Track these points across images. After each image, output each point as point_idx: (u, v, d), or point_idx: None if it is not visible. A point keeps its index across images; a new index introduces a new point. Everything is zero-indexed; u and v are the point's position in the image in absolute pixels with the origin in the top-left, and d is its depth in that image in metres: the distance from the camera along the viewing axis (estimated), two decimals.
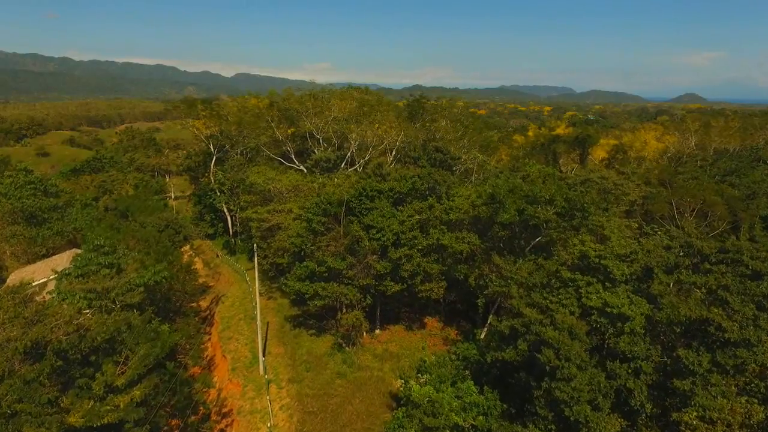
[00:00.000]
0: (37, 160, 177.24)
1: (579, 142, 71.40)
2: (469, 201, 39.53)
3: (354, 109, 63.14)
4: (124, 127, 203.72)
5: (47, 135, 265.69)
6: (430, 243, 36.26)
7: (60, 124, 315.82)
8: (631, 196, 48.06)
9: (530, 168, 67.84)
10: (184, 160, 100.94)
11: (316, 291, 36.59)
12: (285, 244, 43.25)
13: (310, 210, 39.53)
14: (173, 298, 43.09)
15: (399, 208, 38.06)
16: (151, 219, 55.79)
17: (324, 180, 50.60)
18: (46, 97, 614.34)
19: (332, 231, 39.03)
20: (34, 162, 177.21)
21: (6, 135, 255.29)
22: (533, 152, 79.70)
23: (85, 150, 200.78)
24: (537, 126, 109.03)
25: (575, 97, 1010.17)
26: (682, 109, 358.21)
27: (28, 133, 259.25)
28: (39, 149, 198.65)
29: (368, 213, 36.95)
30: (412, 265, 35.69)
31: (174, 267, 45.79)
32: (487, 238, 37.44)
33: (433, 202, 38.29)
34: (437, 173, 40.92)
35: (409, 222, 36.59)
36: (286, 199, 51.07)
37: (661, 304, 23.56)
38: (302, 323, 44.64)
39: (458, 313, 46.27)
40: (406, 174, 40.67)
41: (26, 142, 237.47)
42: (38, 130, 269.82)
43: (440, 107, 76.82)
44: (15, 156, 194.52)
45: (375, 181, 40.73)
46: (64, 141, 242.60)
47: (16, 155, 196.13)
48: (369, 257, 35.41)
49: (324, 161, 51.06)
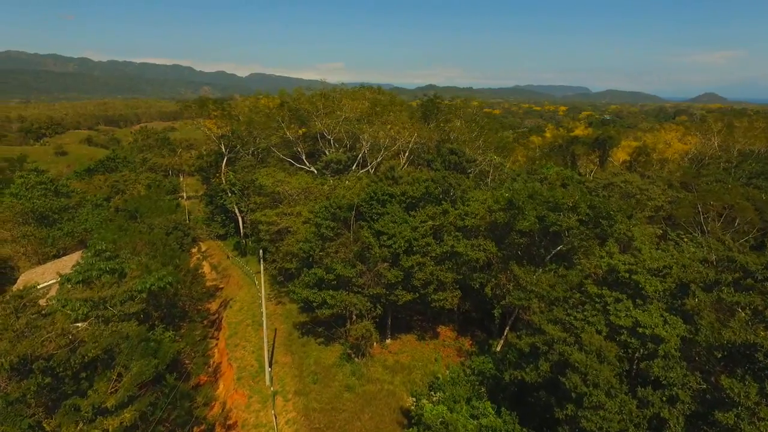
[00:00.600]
0: (56, 159, 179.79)
1: (599, 143, 68.72)
2: (486, 206, 37.61)
3: (366, 110, 61.54)
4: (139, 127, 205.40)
5: (66, 134, 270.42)
6: (444, 250, 34.44)
7: (78, 124, 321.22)
8: (656, 201, 45.53)
9: (548, 170, 65.62)
10: (195, 161, 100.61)
11: (324, 299, 35.05)
12: (293, 248, 41.86)
13: (319, 214, 38.03)
14: (179, 303, 42.00)
15: (411, 213, 36.32)
16: (160, 221, 54.91)
17: (334, 182, 49.09)
18: (65, 97, 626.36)
19: (342, 236, 37.47)
20: (52, 161, 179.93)
21: (26, 134, 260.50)
22: (551, 154, 77.09)
23: (102, 149, 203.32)
24: (554, 127, 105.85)
25: (591, 97, 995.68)
26: (702, 109, 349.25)
27: (48, 132, 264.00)
28: (57, 148, 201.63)
29: (379, 218, 35.31)
30: (425, 273, 33.93)
31: (180, 271, 44.72)
32: (505, 245, 35.48)
33: (448, 207, 36.46)
34: (452, 176, 39.04)
35: (422, 228, 34.83)
36: (296, 201, 49.74)
37: (699, 325, 21.42)
38: (311, 331, 43.20)
39: (473, 322, 44.36)
40: (419, 177, 38.89)
41: (45, 141, 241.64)
42: (57, 130, 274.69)
43: (455, 107, 74.82)
44: (34, 155, 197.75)
45: (386, 184, 39.06)
46: (82, 140, 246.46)
47: (35, 154, 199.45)
48: (380, 265, 33.74)
49: (335, 163, 49.56)
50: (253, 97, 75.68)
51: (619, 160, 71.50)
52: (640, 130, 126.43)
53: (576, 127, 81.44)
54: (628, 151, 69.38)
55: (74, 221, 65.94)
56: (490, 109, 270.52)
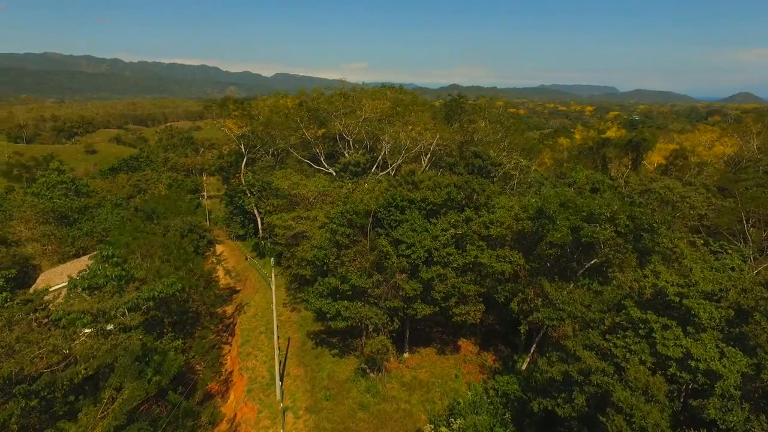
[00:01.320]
0: (86, 157, 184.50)
1: (633, 146, 64.72)
2: (512, 213, 34.98)
3: (387, 110, 59.42)
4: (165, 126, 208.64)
5: (96, 133, 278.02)
6: (466, 261, 32.02)
7: (108, 123, 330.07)
8: (699, 209, 41.88)
9: (577, 174, 62.16)
10: (216, 160, 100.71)
11: (338, 311, 33.10)
12: (307, 255, 40.08)
13: (335, 220, 36.12)
14: (191, 308, 40.78)
15: (432, 220, 34.01)
16: (176, 222, 54.10)
17: (352, 185, 47.16)
18: (97, 97, 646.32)
19: (358, 244, 35.45)
20: (82, 159, 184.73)
21: (58, 133, 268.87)
22: (580, 156, 73.30)
23: (130, 148, 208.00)
24: (584, 128, 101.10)
25: (618, 97, 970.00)
26: (736, 109, 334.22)
27: (79, 131, 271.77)
28: (87, 147, 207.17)
29: (397, 226, 33.15)
30: (446, 285, 31.59)
31: (194, 275, 43.60)
32: (533, 256, 32.80)
33: (471, 214, 34.00)
34: (475, 181, 36.55)
35: (443, 237, 32.48)
36: (312, 205, 48.05)
37: (763, 360, 18.52)
38: (325, 341, 41.39)
39: (496, 335, 41.73)
40: (440, 182, 36.53)
41: (76, 140, 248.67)
42: (88, 129, 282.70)
43: (479, 107, 71.92)
44: (65, 153, 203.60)
45: (406, 189, 36.83)
46: (111, 139, 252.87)
47: (65, 152, 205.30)
48: (397, 276, 31.57)
49: (353, 165, 47.66)
50: (273, 96, 74.40)
51: (654, 164, 67.32)
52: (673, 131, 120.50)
53: (607, 128, 77.25)
54: (664, 155, 65.19)
55: (94, 221, 66.20)
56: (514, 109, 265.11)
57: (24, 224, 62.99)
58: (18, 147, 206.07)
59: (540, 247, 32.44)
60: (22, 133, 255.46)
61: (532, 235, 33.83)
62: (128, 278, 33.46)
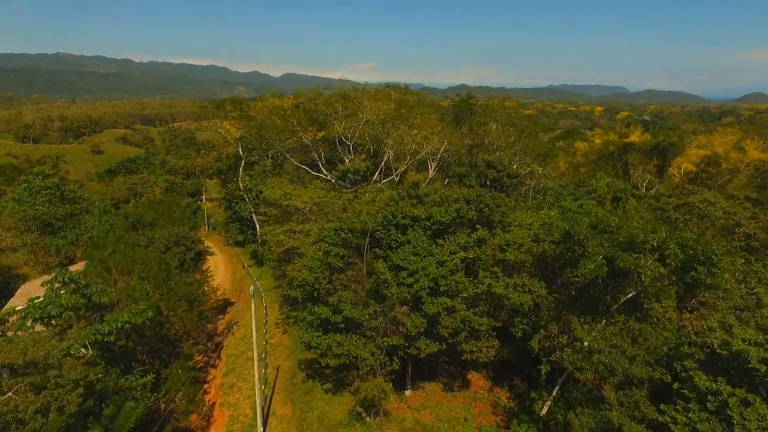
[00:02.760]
0: (92, 157, 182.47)
1: (659, 151, 59.40)
2: (531, 232, 30.17)
3: (391, 111, 54.78)
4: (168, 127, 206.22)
5: (103, 133, 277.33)
6: (478, 291, 27.29)
7: (115, 123, 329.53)
8: (746, 228, 36.61)
9: (598, 182, 57.08)
10: (214, 163, 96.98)
11: (329, 346, 28.56)
12: (297, 276, 35.62)
13: (327, 238, 31.56)
14: (169, 334, 36.43)
15: (438, 241, 29.34)
16: (161, 233, 49.94)
17: (350, 195, 42.63)
18: (108, 97, 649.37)
19: (353, 267, 30.91)
20: (88, 159, 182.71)
21: (66, 133, 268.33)
22: (599, 162, 68.03)
23: (136, 148, 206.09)
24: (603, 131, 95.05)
25: (628, 97, 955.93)
26: (749, 110, 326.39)
27: (86, 131, 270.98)
28: (94, 147, 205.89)
29: (398, 248, 28.53)
30: (455, 320, 26.89)
31: (174, 296, 39.32)
32: (557, 286, 27.97)
33: (484, 234, 29.25)
34: (489, 196, 31.78)
35: (451, 262, 27.78)
36: (307, 217, 43.59)
37: None
38: (318, 372, 36.73)
39: (511, 367, 36.81)
40: (448, 196, 31.82)
41: (83, 140, 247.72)
42: (95, 129, 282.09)
43: (490, 108, 67.04)
44: (71, 153, 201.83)
45: (408, 204, 32.18)
46: (117, 139, 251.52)
47: (72, 152, 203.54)
48: (397, 309, 26.94)
49: (352, 173, 43.20)
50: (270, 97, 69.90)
51: (682, 171, 61.91)
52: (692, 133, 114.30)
53: (630, 132, 72.08)
54: (695, 161, 59.75)
55: (80, 228, 62.44)
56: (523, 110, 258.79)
57: (5, 232, 59.39)
58: (25, 147, 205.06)
59: (565, 274, 27.59)
60: (29, 133, 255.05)
61: (554, 258, 29.04)
62: (92, 306, 29.20)
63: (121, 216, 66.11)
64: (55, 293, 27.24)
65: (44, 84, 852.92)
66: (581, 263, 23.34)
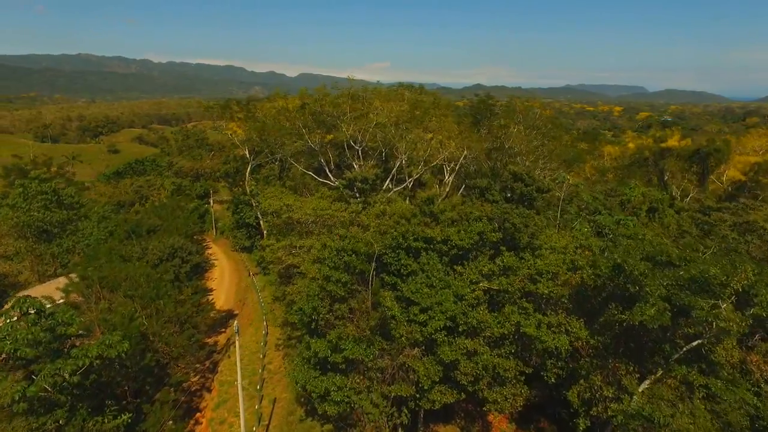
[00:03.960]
0: (108, 157, 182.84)
1: (700, 157, 53.75)
2: (567, 258, 25.49)
3: (404, 113, 50.32)
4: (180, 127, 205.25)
5: (120, 132, 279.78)
6: (505, 332, 22.77)
7: (132, 122, 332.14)
8: None
9: (632, 191, 51.87)
10: (222, 166, 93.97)
11: (327, 390, 24.38)
12: (296, 300, 31.57)
13: (328, 260, 27.37)
14: (152, 363, 32.63)
15: (457, 268, 24.89)
16: (155, 244, 46.41)
17: (358, 206, 38.42)
18: (127, 97, 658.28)
19: (356, 295, 26.66)
20: (105, 158, 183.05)
21: (84, 132, 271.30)
22: (631, 168, 62.46)
23: (152, 147, 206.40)
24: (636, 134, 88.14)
25: (648, 97, 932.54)
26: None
27: (104, 131, 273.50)
28: (110, 146, 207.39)
29: (409, 276, 24.20)
30: (476, 365, 22.43)
31: (161, 317, 35.62)
32: (601, 326, 23.27)
33: (511, 261, 24.68)
34: (515, 213, 27.18)
35: (472, 294, 23.32)
36: (310, 229, 39.49)
37: None
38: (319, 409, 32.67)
39: (537, 407, 32.21)
40: (468, 212, 27.33)
41: (100, 139, 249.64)
42: (112, 128, 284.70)
43: (511, 109, 62.11)
44: (88, 152, 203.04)
45: (421, 221, 27.79)
46: (133, 138, 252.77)
47: (89, 152, 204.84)
48: (407, 353, 22.59)
49: (360, 181, 39.03)
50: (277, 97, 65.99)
51: (725, 179, 56.01)
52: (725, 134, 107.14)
53: (668, 136, 66.27)
54: (743, 168, 53.74)
55: (77, 235, 59.61)
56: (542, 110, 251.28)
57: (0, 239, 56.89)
58: (43, 146, 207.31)
59: (609, 312, 22.86)
60: (48, 133, 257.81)
61: (596, 289, 24.35)
62: (56, 338, 25.51)
63: (121, 222, 63.14)
64: (10, 326, 23.57)
65: (66, 84, 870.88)
66: (637, 307, 18.67)
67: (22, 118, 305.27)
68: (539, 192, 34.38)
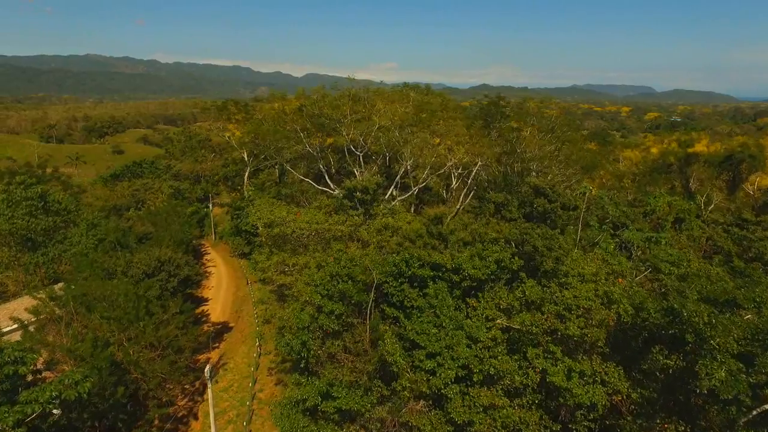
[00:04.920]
0: (113, 158, 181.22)
1: (732, 164, 49.50)
2: (600, 288, 21.61)
3: (410, 116, 46.56)
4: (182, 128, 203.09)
5: (125, 133, 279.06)
6: (528, 383, 18.99)
7: (138, 123, 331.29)
8: None
9: (657, 201, 47.78)
10: (221, 169, 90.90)
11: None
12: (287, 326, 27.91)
13: (321, 286, 23.71)
14: (125, 396, 29.12)
15: (470, 301, 21.13)
16: (140, 257, 43.01)
17: (358, 219, 34.76)
18: (134, 97, 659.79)
19: (353, 329, 22.99)
20: (110, 159, 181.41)
21: (89, 133, 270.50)
22: (652, 174, 58.22)
23: (156, 148, 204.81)
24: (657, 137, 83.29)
25: (656, 97, 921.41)
26: None
27: (109, 131, 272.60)
28: (115, 147, 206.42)
29: (413, 310, 20.48)
30: (494, 423, 18.66)
31: (139, 343, 32.16)
32: (642, 374, 19.38)
33: (534, 293, 20.87)
34: (536, 233, 23.34)
35: (488, 335, 19.56)
36: (305, 243, 35.84)
37: None
38: None
39: None
40: (481, 233, 23.51)
41: (105, 140, 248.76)
42: (118, 129, 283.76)
43: (524, 112, 58.18)
44: (93, 153, 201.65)
45: (428, 242, 24.02)
46: (138, 139, 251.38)
47: (93, 152, 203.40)
48: (411, 406, 18.86)
49: (361, 191, 35.43)
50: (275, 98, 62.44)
51: (755, 187, 51.64)
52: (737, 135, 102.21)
53: (694, 140, 61.92)
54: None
55: (64, 243, 56.41)
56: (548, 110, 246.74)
57: None
58: (47, 147, 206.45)
59: (654, 357, 18.97)
60: (53, 133, 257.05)
61: (635, 329, 20.48)
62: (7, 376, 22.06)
63: (111, 229, 59.91)
64: None
65: (75, 84, 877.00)
66: (701, 365, 14.83)
67: (28, 119, 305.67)
68: (565, 209, 30.13)
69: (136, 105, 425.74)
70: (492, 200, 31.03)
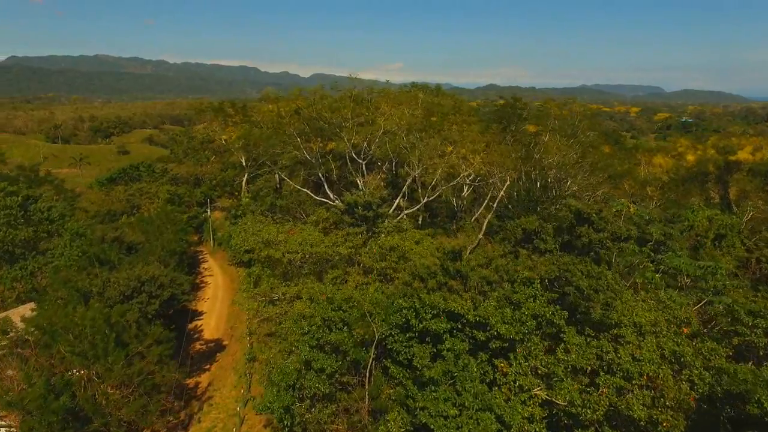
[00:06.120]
0: (118, 158, 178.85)
1: None
2: (667, 345, 16.76)
3: (418, 119, 41.83)
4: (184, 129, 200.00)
5: (131, 133, 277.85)
6: None
7: (144, 123, 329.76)
8: None
9: (695, 215, 42.67)
10: (218, 173, 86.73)
11: None
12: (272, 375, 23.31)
13: (309, 334, 19.09)
14: None
15: (498, 363, 16.36)
16: (117, 276, 38.65)
17: (358, 239, 30.11)
18: (142, 97, 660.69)
19: (348, 391, 18.33)
20: (115, 159, 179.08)
21: (95, 133, 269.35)
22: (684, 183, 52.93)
23: (161, 148, 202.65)
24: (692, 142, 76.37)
25: (665, 97, 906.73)
26: None
27: (115, 131, 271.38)
28: (120, 147, 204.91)
29: (423, 370, 15.76)
30: None
31: (110, 380, 27.81)
32: None
33: (582, 357, 16.05)
34: (580, 271, 18.49)
35: (522, 411, 14.79)
36: (299, 267, 31.27)
37: None
38: None
39: None
40: (510, 270, 18.70)
41: (111, 140, 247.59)
42: (124, 129, 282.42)
43: (544, 114, 53.24)
44: (98, 153, 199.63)
45: (443, 280, 19.27)
46: (144, 139, 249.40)
47: (99, 153, 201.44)
48: None
49: (362, 206, 30.80)
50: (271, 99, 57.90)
51: None
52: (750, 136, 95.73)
53: (736, 146, 56.43)
54: None
55: (46, 255, 52.44)
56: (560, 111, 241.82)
57: None
58: (53, 147, 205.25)
59: None
60: (58, 134, 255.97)
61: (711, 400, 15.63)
62: None
63: (97, 240, 55.79)
64: None
65: (84, 85, 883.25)
66: None
67: (35, 119, 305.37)
68: (615, 241, 24.55)
69: (143, 105, 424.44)
70: (521, 226, 25.88)
